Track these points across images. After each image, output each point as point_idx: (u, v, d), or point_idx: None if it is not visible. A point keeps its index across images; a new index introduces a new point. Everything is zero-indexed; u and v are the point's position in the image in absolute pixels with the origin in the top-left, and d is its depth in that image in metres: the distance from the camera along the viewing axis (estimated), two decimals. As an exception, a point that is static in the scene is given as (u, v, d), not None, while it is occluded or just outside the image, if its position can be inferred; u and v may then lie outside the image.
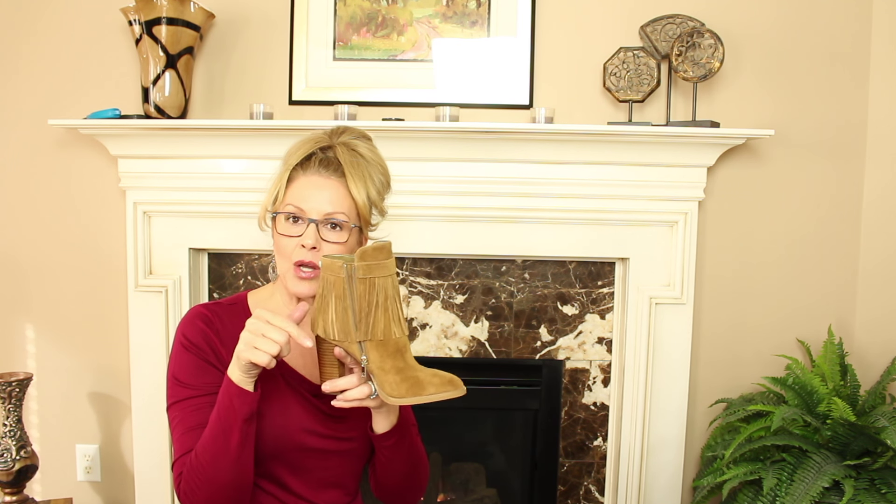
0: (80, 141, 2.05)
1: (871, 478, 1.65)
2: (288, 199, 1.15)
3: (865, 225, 2.07)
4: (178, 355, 1.15)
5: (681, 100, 2.03)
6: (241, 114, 2.03)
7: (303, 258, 1.13)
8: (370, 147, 1.20)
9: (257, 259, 2.07)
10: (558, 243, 2.00)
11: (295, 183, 1.16)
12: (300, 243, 1.13)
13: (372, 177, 1.18)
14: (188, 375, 1.13)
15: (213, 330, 1.16)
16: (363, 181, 1.16)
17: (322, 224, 1.14)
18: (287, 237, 1.14)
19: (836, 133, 2.05)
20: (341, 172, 1.16)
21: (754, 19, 2.02)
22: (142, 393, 2.03)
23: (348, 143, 1.18)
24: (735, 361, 2.10)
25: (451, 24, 2.03)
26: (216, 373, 1.13)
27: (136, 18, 1.88)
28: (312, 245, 1.12)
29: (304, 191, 1.15)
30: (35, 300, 2.14)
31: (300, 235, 1.13)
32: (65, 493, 2.16)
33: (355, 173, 1.15)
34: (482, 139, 1.89)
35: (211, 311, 1.18)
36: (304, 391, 1.19)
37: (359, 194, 1.15)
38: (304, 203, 1.14)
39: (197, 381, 1.13)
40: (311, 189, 1.15)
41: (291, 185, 1.16)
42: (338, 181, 1.16)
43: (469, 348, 2.09)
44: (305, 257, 1.13)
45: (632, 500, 2.06)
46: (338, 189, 1.15)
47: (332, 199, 1.15)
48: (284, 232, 1.15)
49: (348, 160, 1.16)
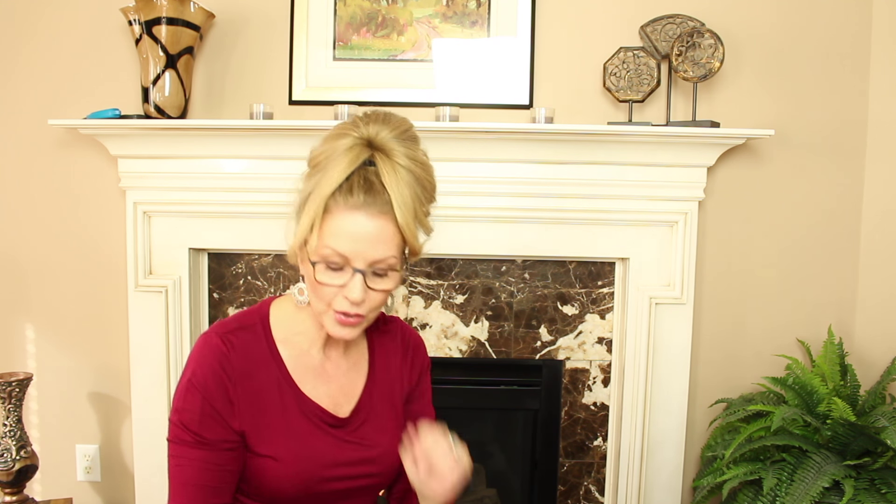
0: (80, 141, 2.05)
1: (871, 478, 1.65)
2: (326, 240, 0.96)
3: (865, 225, 2.07)
4: (186, 393, 1.03)
5: (681, 100, 2.03)
6: (241, 114, 2.03)
7: (347, 310, 0.99)
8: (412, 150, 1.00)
9: (257, 259, 2.07)
10: (558, 243, 2.00)
11: (334, 217, 0.95)
12: (344, 295, 0.98)
13: (421, 198, 0.99)
14: (192, 420, 1.03)
15: (227, 372, 1.03)
16: (412, 210, 0.97)
17: (368, 274, 0.98)
18: (327, 287, 0.99)
19: (836, 133, 2.05)
20: (386, 199, 0.95)
21: (754, 19, 2.02)
22: (142, 393, 2.03)
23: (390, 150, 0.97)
24: (735, 361, 2.10)
25: (451, 24, 2.03)
26: (222, 424, 1.03)
27: (136, 18, 1.88)
28: (360, 300, 0.98)
29: (346, 233, 0.95)
30: (35, 300, 2.14)
31: (343, 286, 0.98)
32: (65, 493, 2.16)
33: (404, 202, 0.96)
34: (482, 139, 1.89)
35: (228, 344, 1.04)
36: (322, 423, 1.09)
37: (410, 228, 0.97)
38: (347, 248, 0.95)
39: (201, 429, 1.02)
40: (355, 231, 0.95)
41: (329, 219, 0.96)
42: (383, 215, 0.95)
43: (469, 348, 2.09)
44: (350, 310, 0.99)
45: (632, 499, 2.06)
46: (385, 227, 0.96)
47: (379, 240, 0.96)
48: (325, 281, 0.98)
49: (394, 182, 0.95)
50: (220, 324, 1.09)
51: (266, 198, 1.95)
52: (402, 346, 1.21)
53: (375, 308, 1.02)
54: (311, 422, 1.08)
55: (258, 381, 1.05)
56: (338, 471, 1.09)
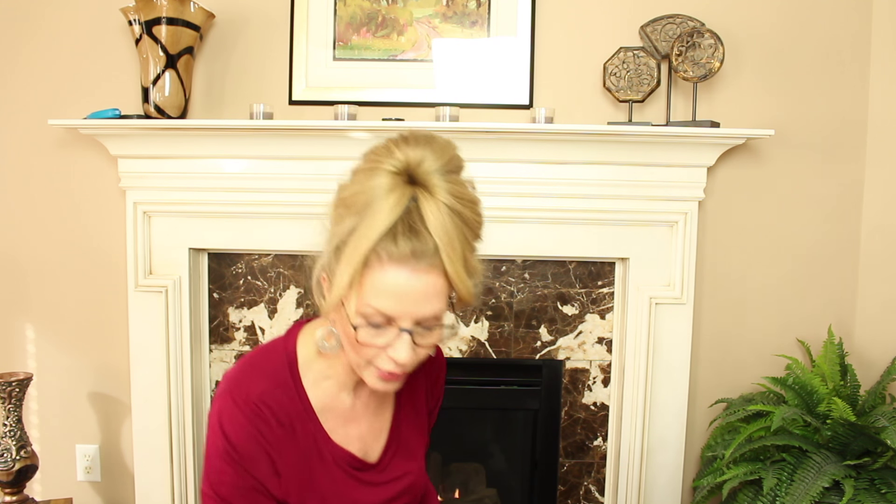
0: (80, 141, 2.05)
1: (871, 478, 1.65)
2: (367, 298, 0.85)
3: (865, 225, 2.07)
4: (224, 464, 0.93)
5: (681, 100, 2.03)
6: (241, 114, 2.03)
7: (392, 370, 0.90)
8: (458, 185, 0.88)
9: (257, 259, 2.07)
10: (558, 243, 2.00)
11: (375, 272, 0.84)
12: (389, 356, 0.89)
13: (469, 241, 0.89)
14: (233, 494, 0.94)
15: (268, 441, 0.94)
16: (461, 257, 0.86)
17: (416, 332, 0.88)
18: (370, 347, 0.89)
19: (836, 133, 2.05)
20: (433, 246, 0.84)
21: (754, 19, 2.02)
22: (142, 393, 2.03)
23: (433, 186, 0.85)
24: (735, 361, 2.10)
25: (451, 24, 2.03)
26: (265, 494, 0.96)
27: (136, 18, 1.88)
28: (407, 362, 0.89)
29: (391, 292, 0.84)
30: (35, 300, 2.14)
31: (387, 345, 0.89)
32: (65, 493, 2.16)
33: (453, 250, 0.85)
34: (482, 139, 1.89)
35: (266, 409, 0.94)
36: (355, 472, 1.03)
37: (461, 278, 0.86)
38: (393, 308, 0.85)
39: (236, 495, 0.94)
40: (402, 288, 0.84)
41: (370, 274, 0.84)
42: (431, 269, 0.84)
43: (469, 348, 2.09)
44: (395, 370, 0.90)
45: (632, 500, 2.06)
46: (434, 281, 0.85)
47: (428, 297, 0.86)
48: (367, 341, 0.88)
49: (440, 228, 0.84)
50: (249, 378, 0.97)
51: (266, 198, 1.95)
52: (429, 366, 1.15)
53: (421, 359, 0.93)
54: (344, 472, 1.02)
55: (298, 443, 0.98)
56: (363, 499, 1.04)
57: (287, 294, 2.07)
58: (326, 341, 0.96)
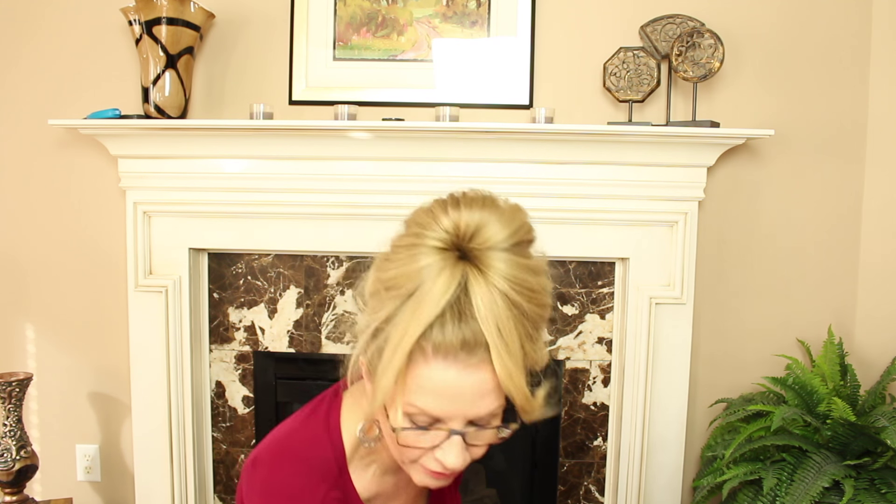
0: (80, 141, 2.05)
1: (871, 478, 1.65)
2: (410, 397, 0.75)
3: (865, 225, 2.07)
4: None
5: (681, 100, 2.03)
6: (241, 114, 2.03)
7: (442, 472, 0.79)
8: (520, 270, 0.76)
9: (257, 259, 2.07)
10: (558, 243, 2.00)
11: (419, 367, 0.74)
12: (437, 458, 0.78)
13: (531, 334, 0.76)
14: None
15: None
16: (517, 357, 0.73)
17: (467, 433, 0.77)
18: (415, 449, 0.79)
19: (836, 133, 2.05)
20: (485, 343, 0.72)
21: (754, 19, 2.02)
22: (142, 393, 2.03)
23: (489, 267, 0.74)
24: (735, 361, 2.10)
25: (451, 24, 2.03)
26: None
27: (136, 18, 1.88)
28: (459, 467, 0.78)
29: (438, 392, 0.74)
30: (35, 300, 2.14)
31: (435, 447, 0.78)
32: (65, 493, 2.16)
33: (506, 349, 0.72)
34: (482, 139, 1.89)
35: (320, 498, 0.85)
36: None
37: (516, 383, 0.73)
38: (440, 408, 0.75)
39: None
40: (450, 388, 0.74)
41: (413, 369, 0.74)
42: (483, 364, 0.73)
43: (469, 348, 2.09)
44: (445, 471, 0.79)
45: (632, 500, 2.05)
46: (488, 379, 0.74)
47: (481, 395, 0.74)
48: (410, 444, 0.78)
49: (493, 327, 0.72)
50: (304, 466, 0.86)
51: (266, 198, 1.95)
52: None
53: (476, 460, 0.82)
54: None
55: None
56: None
57: (287, 294, 2.07)
58: (367, 434, 0.86)
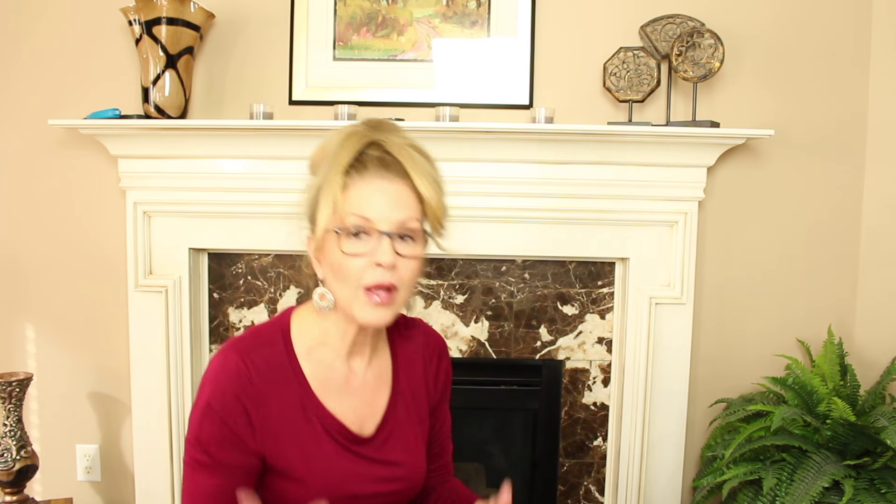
0: (80, 141, 2.05)
1: (871, 478, 1.65)
2: (349, 209, 0.95)
3: (866, 225, 2.07)
4: (204, 417, 0.99)
5: (681, 100, 2.03)
6: (241, 114, 2.03)
7: (380, 280, 0.95)
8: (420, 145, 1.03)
9: (257, 259, 2.07)
10: (558, 243, 2.00)
11: (352, 191, 0.95)
12: (374, 262, 0.95)
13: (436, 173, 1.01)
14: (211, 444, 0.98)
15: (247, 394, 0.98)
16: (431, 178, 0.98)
17: (395, 237, 0.96)
18: (355, 257, 0.95)
19: (836, 133, 2.05)
20: (404, 173, 0.97)
21: (754, 19, 2.02)
22: (142, 393, 2.03)
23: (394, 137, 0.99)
24: (735, 361, 2.10)
25: (451, 24, 2.03)
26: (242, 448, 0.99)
27: (136, 18, 1.88)
28: (392, 263, 0.95)
29: (368, 197, 0.95)
30: (35, 300, 2.14)
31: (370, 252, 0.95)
32: (65, 493, 2.15)
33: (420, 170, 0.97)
34: (482, 139, 1.89)
35: (248, 365, 0.99)
36: (346, 442, 1.06)
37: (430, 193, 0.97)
38: (370, 211, 0.95)
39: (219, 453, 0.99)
40: (375, 194, 0.95)
41: (348, 194, 0.96)
42: (402, 183, 0.97)
43: (469, 348, 2.09)
44: (383, 279, 0.95)
45: (632, 499, 2.06)
46: (405, 191, 0.97)
47: (402, 201, 0.96)
48: (351, 251, 0.95)
49: (406, 156, 0.97)
50: (238, 339, 1.04)
51: (266, 198, 1.95)
52: (426, 352, 1.18)
53: (406, 283, 0.98)
54: (334, 441, 1.04)
55: (280, 401, 1.01)
56: (363, 488, 1.06)
57: (287, 294, 2.07)
58: (321, 300, 1.02)
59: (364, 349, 1.09)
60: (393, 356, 1.14)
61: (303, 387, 1.03)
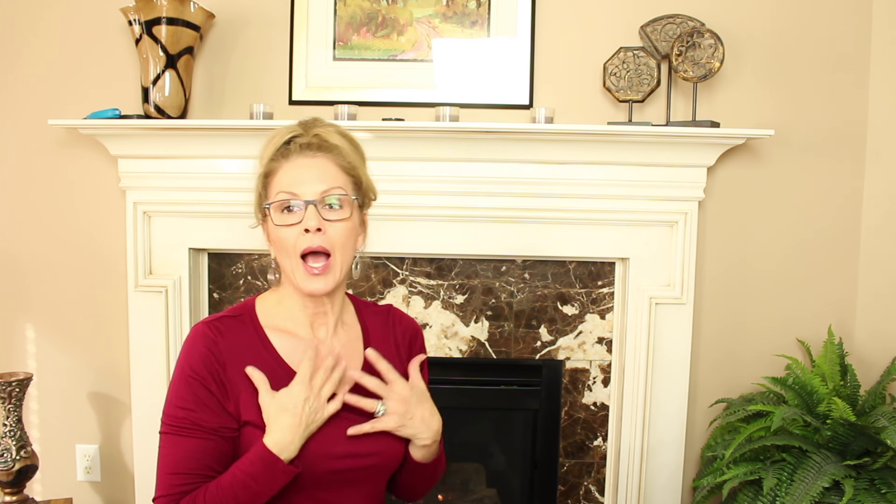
0: (80, 141, 2.05)
1: (871, 478, 1.65)
2: (277, 188, 1.08)
3: (866, 225, 2.07)
4: (180, 383, 1.06)
5: (681, 100, 2.03)
6: (241, 114, 2.03)
7: (309, 245, 1.06)
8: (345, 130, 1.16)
9: (257, 259, 2.07)
10: (558, 243, 2.00)
11: (278, 173, 1.09)
12: (302, 229, 1.06)
13: (358, 150, 1.13)
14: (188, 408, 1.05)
15: (216, 356, 1.07)
16: (352, 152, 1.12)
17: (320, 204, 1.07)
18: (286, 227, 1.07)
19: (836, 133, 2.05)
20: (325, 150, 1.10)
21: (754, 19, 2.02)
22: (142, 393, 2.03)
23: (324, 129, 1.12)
24: (735, 361, 2.10)
25: (451, 24, 2.03)
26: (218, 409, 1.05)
27: (136, 18, 1.88)
28: (317, 227, 1.05)
29: (291, 175, 1.08)
30: (35, 300, 2.14)
31: (299, 222, 1.06)
32: (65, 493, 2.15)
33: (341, 147, 1.11)
34: (482, 139, 1.89)
35: (214, 330, 1.09)
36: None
37: (350, 158, 1.11)
38: (295, 187, 1.07)
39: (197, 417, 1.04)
40: (299, 170, 1.08)
41: (275, 177, 1.10)
42: (325, 158, 1.09)
43: (469, 348, 2.09)
44: (312, 243, 1.06)
45: (632, 500, 2.05)
46: (327, 165, 1.09)
47: (323, 175, 1.08)
48: (281, 222, 1.07)
49: (325, 133, 1.10)
50: (210, 317, 1.13)
51: (266, 198, 1.95)
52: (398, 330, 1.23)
53: (339, 247, 1.08)
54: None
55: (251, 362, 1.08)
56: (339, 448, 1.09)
57: (287, 294, 2.07)
58: (271, 275, 1.18)
59: (326, 318, 1.15)
60: (364, 330, 1.21)
61: (272, 354, 1.11)
